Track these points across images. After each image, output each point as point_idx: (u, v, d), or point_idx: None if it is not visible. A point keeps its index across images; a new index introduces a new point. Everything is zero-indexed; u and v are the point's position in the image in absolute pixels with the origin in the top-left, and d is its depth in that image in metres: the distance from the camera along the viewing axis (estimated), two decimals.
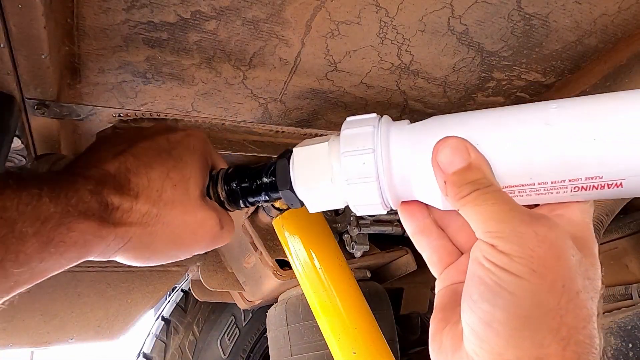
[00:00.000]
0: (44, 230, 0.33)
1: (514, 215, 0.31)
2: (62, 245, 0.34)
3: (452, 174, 0.34)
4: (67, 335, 1.32)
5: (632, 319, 1.06)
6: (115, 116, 0.66)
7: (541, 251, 0.30)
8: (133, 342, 1.88)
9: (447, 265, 0.41)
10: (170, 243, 0.43)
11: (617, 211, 1.00)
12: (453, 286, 0.39)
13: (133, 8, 0.57)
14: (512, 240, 0.30)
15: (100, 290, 1.33)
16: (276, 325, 1.36)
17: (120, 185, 0.39)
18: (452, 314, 0.36)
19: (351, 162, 0.37)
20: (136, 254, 0.42)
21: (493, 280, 0.30)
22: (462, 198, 0.33)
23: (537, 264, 0.29)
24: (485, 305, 0.30)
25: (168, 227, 0.42)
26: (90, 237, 0.36)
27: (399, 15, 0.65)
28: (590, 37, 0.77)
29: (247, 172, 0.48)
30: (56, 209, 0.34)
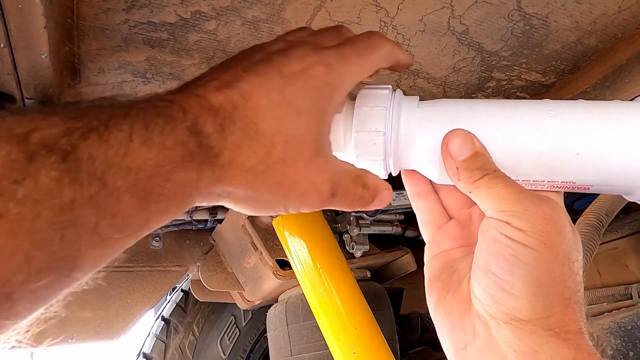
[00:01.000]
0: (138, 185, 0.26)
1: (525, 197, 0.36)
2: (163, 199, 0.28)
3: (463, 160, 0.38)
4: (67, 335, 1.32)
5: (632, 319, 1.06)
6: None
7: (549, 227, 0.35)
8: (133, 342, 1.88)
9: (438, 228, 0.46)
10: (276, 198, 0.37)
11: (617, 211, 1.00)
12: (443, 254, 0.44)
13: (133, 8, 0.58)
14: (525, 218, 0.35)
15: (100, 290, 1.33)
16: (276, 325, 1.36)
17: (223, 124, 0.31)
18: (451, 281, 0.41)
19: (362, 140, 0.40)
20: (240, 206, 0.36)
21: (511, 253, 0.35)
22: (475, 182, 0.38)
23: (546, 238, 0.34)
24: (506, 275, 0.35)
25: (275, 186, 0.36)
26: (189, 189, 0.30)
27: (399, 15, 0.65)
28: (590, 37, 0.77)
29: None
30: (149, 154, 0.27)
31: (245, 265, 1.34)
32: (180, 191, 0.29)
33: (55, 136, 0.23)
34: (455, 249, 0.44)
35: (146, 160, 0.26)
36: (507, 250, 0.35)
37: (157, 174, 0.27)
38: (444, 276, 0.42)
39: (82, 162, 0.24)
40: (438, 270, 0.43)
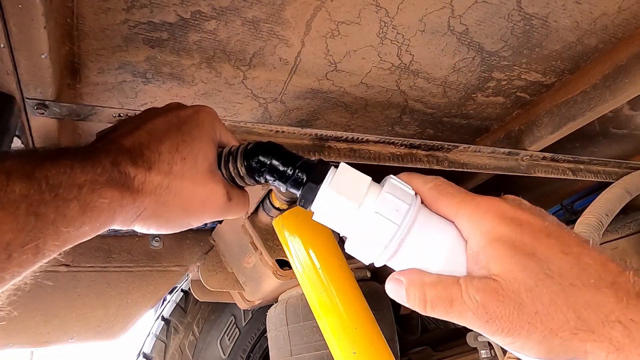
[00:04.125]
0: (81, 195, 0.38)
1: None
2: (96, 209, 0.39)
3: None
4: (67, 335, 1.32)
5: None
6: (115, 116, 0.66)
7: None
8: (133, 342, 1.88)
9: None
10: (181, 212, 0.48)
11: (617, 211, 1.00)
12: None
13: (133, 8, 0.58)
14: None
15: (100, 290, 1.33)
16: (276, 325, 1.36)
17: (135, 158, 0.44)
18: None
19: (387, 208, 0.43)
20: (151, 222, 0.47)
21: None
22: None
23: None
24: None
25: (179, 197, 0.47)
26: (115, 204, 0.41)
27: (399, 15, 0.65)
28: (590, 37, 0.77)
29: (276, 152, 0.50)
30: (86, 177, 0.39)
31: (245, 265, 1.34)
32: (107, 206, 0.40)
33: (23, 163, 0.36)
34: None
35: (84, 181, 0.39)
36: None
37: (92, 190, 0.39)
38: None
39: (41, 178, 0.36)
40: None
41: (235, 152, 0.51)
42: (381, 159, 0.89)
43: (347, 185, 0.45)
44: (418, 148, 0.91)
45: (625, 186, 1.07)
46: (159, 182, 0.45)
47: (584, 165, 1.11)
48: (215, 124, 0.53)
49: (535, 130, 0.98)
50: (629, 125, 1.14)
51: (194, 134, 0.49)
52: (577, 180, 1.12)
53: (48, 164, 0.37)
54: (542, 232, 0.38)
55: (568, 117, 0.91)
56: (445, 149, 0.93)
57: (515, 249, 0.37)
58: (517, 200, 0.42)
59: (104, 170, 0.40)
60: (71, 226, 0.37)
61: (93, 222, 0.40)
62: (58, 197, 0.36)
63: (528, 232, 0.38)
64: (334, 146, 0.85)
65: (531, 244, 0.37)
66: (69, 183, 0.37)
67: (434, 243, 0.41)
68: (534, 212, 0.40)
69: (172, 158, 0.46)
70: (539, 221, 0.39)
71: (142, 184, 0.44)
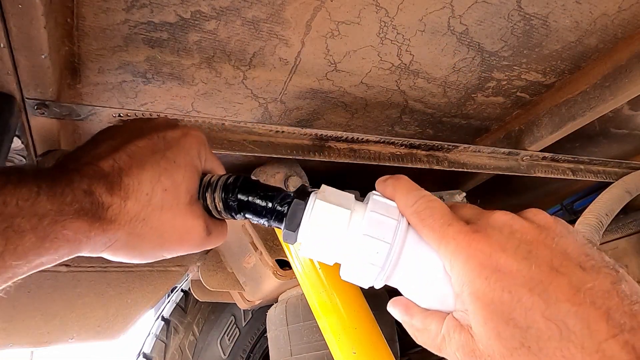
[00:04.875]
0: (40, 227, 0.34)
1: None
2: (56, 241, 0.35)
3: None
4: (67, 335, 1.32)
5: None
6: (115, 116, 0.66)
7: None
8: (133, 342, 1.88)
9: None
10: (156, 245, 0.44)
11: (617, 211, 1.00)
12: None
13: (133, 8, 0.58)
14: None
15: (100, 290, 1.33)
16: (276, 325, 1.36)
17: (112, 185, 0.40)
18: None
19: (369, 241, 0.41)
20: (122, 253, 0.42)
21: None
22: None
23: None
24: None
25: (155, 231, 0.43)
26: (80, 236, 0.37)
27: (399, 15, 0.65)
28: (590, 37, 0.77)
29: (253, 190, 0.47)
30: (52, 206, 0.35)
31: (245, 265, 1.34)
32: (72, 237, 0.36)
33: None
34: None
35: (49, 210, 0.34)
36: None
37: (56, 221, 0.35)
38: None
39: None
40: None
41: (214, 185, 0.47)
42: (381, 159, 0.89)
43: (329, 212, 0.42)
44: (418, 148, 0.91)
45: (625, 186, 1.07)
46: (135, 214, 0.41)
47: (584, 165, 1.11)
48: (202, 151, 0.48)
49: (535, 130, 0.98)
50: (629, 125, 1.14)
51: (179, 161, 0.45)
52: (577, 180, 1.12)
53: (10, 187, 0.33)
54: (525, 286, 0.33)
55: (568, 117, 0.91)
56: (445, 149, 0.93)
57: (493, 312, 0.33)
58: (507, 229, 0.37)
59: (74, 198, 0.36)
60: (22, 260, 0.34)
61: (51, 254, 0.36)
62: (11, 227, 0.32)
63: (508, 290, 0.33)
64: (334, 146, 0.85)
65: (510, 306, 0.33)
66: (29, 212, 0.33)
67: (423, 274, 0.40)
68: (523, 247, 0.35)
69: (153, 188, 0.42)
70: (524, 269, 0.34)
71: (116, 215, 0.39)
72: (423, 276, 0.40)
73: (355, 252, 0.40)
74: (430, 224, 0.39)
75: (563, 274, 0.33)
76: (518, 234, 0.36)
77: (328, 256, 0.43)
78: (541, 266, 0.34)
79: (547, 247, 0.35)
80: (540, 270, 0.33)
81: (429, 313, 0.40)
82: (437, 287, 0.39)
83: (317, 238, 0.42)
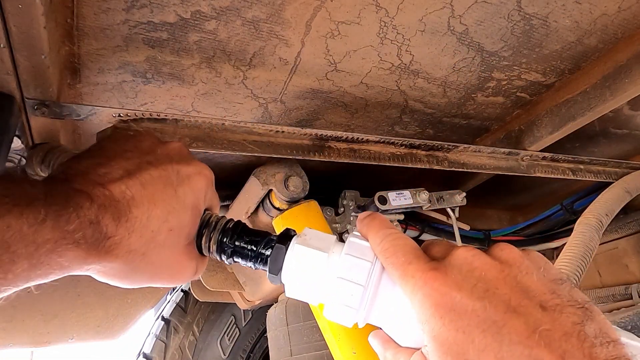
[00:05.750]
0: (36, 254, 0.33)
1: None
2: (48, 268, 0.35)
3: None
4: (67, 335, 1.32)
5: (632, 319, 1.06)
6: (115, 116, 0.66)
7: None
8: (133, 342, 1.88)
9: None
10: (148, 278, 0.44)
11: (617, 211, 1.00)
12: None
13: (133, 8, 0.58)
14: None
15: (100, 290, 1.33)
16: (276, 325, 1.36)
17: (119, 216, 0.39)
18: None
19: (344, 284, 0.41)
20: (113, 279, 0.42)
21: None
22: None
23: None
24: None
25: (151, 266, 0.43)
26: (74, 264, 0.36)
27: (399, 15, 0.65)
28: (590, 37, 0.77)
29: (244, 235, 0.48)
30: (53, 235, 0.34)
31: None
32: (66, 265, 0.36)
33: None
34: None
35: (50, 239, 0.34)
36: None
37: (54, 250, 0.34)
38: None
39: (1, 229, 0.31)
40: None
41: (212, 227, 0.48)
42: (381, 159, 0.89)
43: (307, 257, 0.43)
44: (418, 148, 0.91)
45: (625, 186, 1.07)
46: (136, 248, 0.40)
47: (584, 165, 1.11)
48: (208, 191, 0.48)
49: (535, 130, 0.98)
50: (629, 125, 1.14)
51: (188, 203, 0.44)
52: (577, 180, 1.12)
53: (17, 212, 0.32)
54: (479, 327, 0.33)
55: (568, 117, 0.91)
56: (445, 149, 0.93)
57: (447, 352, 0.33)
58: (467, 267, 0.36)
59: (79, 226, 0.35)
60: (11, 285, 0.33)
61: (40, 279, 0.35)
62: (7, 253, 0.32)
63: (462, 330, 0.33)
64: (334, 146, 0.85)
65: (464, 347, 0.33)
66: (29, 240, 0.32)
67: (397, 313, 0.40)
68: (480, 286, 0.34)
69: (160, 227, 0.41)
70: (479, 309, 0.33)
71: (116, 245, 0.38)
72: (397, 315, 0.40)
73: (333, 294, 0.41)
74: (393, 262, 0.39)
75: (520, 314, 0.32)
76: (477, 271, 0.36)
77: (311, 297, 0.44)
78: (497, 306, 0.33)
79: (507, 285, 0.34)
80: (495, 311, 0.33)
81: (402, 348, 0.40)
82: (410, 325, 0.40)
83: (297, 281, 0.44)
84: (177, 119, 0.70)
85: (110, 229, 0.38)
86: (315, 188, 0.96)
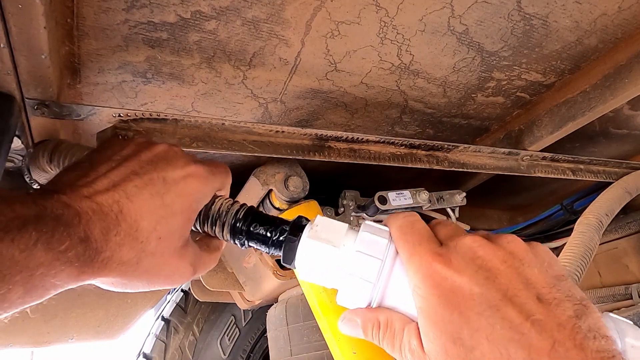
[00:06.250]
0: (31, 280, 0.34)
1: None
2: (43, 290, 0.35)
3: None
4: (67, 335, 1.32)
5: (632, 319, 1.06)
6: (115, 116, 0.66)
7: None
8: (133, 342, 1.88)
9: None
10: (145, 284, 0.45)
11: (617, 211, 1.00)
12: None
13: (133, 8, 0.58)
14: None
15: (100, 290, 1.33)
16: (276, 325, 1.36)
17: (108, 230, 0.39)
18: None
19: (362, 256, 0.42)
20: (111, 287, 0.44)
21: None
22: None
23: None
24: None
25: (145, 274, 0.43)
26: (68, 282, 0.37)
27: (399, 15, 0.65)
28: (590, 37, 0.77)
29: (258, 221, 0.49)
30: (46, 257, 0.34)
31: (245, 265, 1.34)
32: (59, 284, 0.36)
33: None
34: None
35: (43, 262, 0.34)
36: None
37: (48, 273, 0.34)
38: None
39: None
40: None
41: (223, 218, 0.49)
42: (381, 159, 0.89)
43: (325, 233, 0.44)
44: (418, 148, 0.91)
45: (625, 186, 1.07)
46: (127, 260, 0.41)
47: (584, 165, 1.11)
48: (202, 192, 0.47)
49: (535, 130, 0.98)
50: (629, 125, 1.14)
51: (176, 208, 0.44)
52: (577, 180, 1.12)
53: (8, 239, 0.32)
54: (475, 309, 0.34)
55: (568, 117, 0.91)
56: (445, 149, 0.93)
57: (441, 329, 0.35)
58: (470, 254, 0.37)
59: (70, 245, 0.36)
60: (7, 310, 0.34)
61: (35, 300, 0.35)
62: (3, 282, 0.32)
63: (459, 311, 0.35)
64: (334, 146, 0.85)
65: (458, 325, 0.34)
66: (22, 266, 0.33)
67: (407, 293, 0.41)
68: (481, 273, 0.36)
69: (148, 237, 0.42)
70: (476, 294, 0.35)
71: (108, 259, 0.39)
72: (408, 296, 0.41)
73: (348, 268, 0.42)
74: (405, 238, 0.41)
75: (515, 304, 0.34)
76: (480, 260, 0.37)
77: (324, 277, 0.45)
78: (494, 293, 0.35)
79: (507, 276, 0.36)
80: (492, 297, 0.34)
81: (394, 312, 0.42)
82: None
83: (310, 271, 0.45)
84: (177, 119, 0.70)
85: (100, 244, 0.38)
86: (315, 188, 0.96)
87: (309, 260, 0.44)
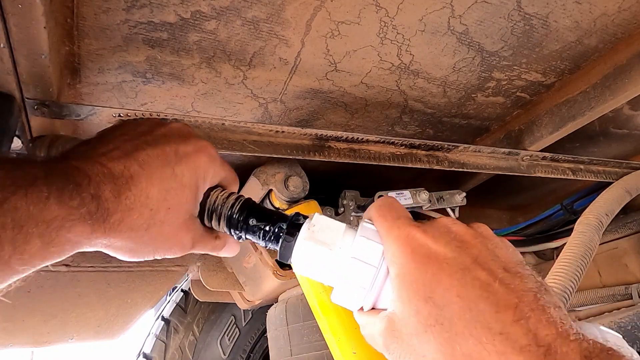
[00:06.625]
0: (47, 232, 0.35)
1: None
2: (60, 245, 0.37)
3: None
4: (67, 335, 1.32)
5: (632, 319, 1.06)
6: (115, 116, 0.66)
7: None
8: (133, 342, 1.88)
9: None
10: (151, 251, 0.46)
11: (617, 211, 1.00)
12: None
13: (133, 8, 0.58)
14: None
15: (100, 290, 1.33)
16: (276, 325, 1.36)
17: (119, 192, 0.40)
18: None
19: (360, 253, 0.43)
20: (120, 253, 0.44)
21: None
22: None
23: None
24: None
25: (153, 241, 0.45)
26: (83, 239, 0.38)
27: (399, 15, 0.65)
28: (590, 37, 0.77)
29: (257, 214, 0.49)
30: (60, 211, 0.36)
31: (245, 265, 1.34)
32: (74, 239, 0.37)
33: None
34: None
35: (57, 215, 0.35)
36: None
37: (62, 226, 0.36)
38: None
39: (7, 212, 0.33)
40: None
41: (219, 209, 0.50)
42: (381, 159, 0.89)
43: (321, 234, 0.45)
44: (418, 148, 0.91)
45: (625, 186, 1.07)
46: (137, 226, 0.42)
47: (584, 165, 1.11)
48: (210, 169, 0.49)
49: (535, 130, 0.98)
50: (629, 125, 1.14)
51: (186, 181, 0.46)
52: (577, 180, 1.12)
53: (21, 193, 0.34)
54: (445, 271, 0.36)
55: (568, 117, 0.91)
56: (445, 149, 0.93)
57: (414, 290, 0.37)
58: (444, 228, 0.40)
59: (82, 202, 0.37)
60: (29, 265, 0.35)
61: (55, 257, 0.37)
62: (21, 233, 0.33)
63: (432, 271, 0.37)
64: (334, 146, 0.85)
65: (430, 286, 0.36)
66: (38, 218, 0.34)
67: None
68: (454, 242, 0.38)
69: (158, 206, 0.43)
70: (450, 258, 0.37)
71: (118, 222, 0.40)
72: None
73: (343, 273, 0.42)
74: (384, 215, 0.43)
75: (484, 269, 0.37)
76: (453, 233, 0.40)
77: (319, 274, 0.46)
78: (466, 259, 0.37)
79: (477, 247, 0.38)
80: (464, 261, 0.37)
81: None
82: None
83: (305, 270, 0.46)
84: (177, 119, 0.70)
85: (111, 204, 0.39)
86: (315, 188, 0.96)
87: (305, 260, 0.45)
